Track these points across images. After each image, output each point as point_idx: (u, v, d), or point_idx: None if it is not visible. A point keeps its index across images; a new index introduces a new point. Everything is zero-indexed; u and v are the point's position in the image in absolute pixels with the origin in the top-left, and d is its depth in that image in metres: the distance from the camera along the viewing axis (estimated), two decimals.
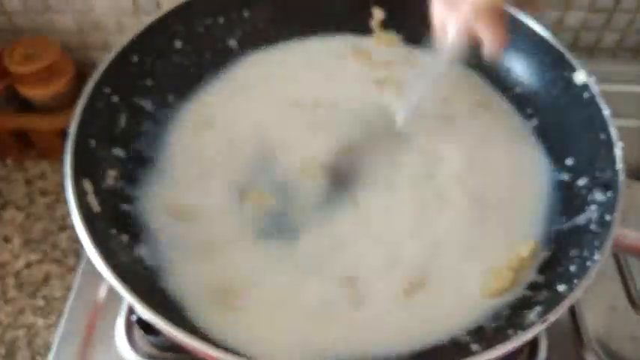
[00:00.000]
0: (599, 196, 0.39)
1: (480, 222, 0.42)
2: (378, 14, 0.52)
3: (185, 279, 0.39)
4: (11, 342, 0.52)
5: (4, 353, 0.51)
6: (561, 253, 0.40)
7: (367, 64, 0.50)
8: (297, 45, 0.52)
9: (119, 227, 0.39)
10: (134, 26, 0.46)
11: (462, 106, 0.48)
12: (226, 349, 0.31)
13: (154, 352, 0.44)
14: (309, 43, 0.52)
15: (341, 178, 0.43)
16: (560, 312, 0.33)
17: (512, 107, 0.49)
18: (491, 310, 0.38)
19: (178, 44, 0.48)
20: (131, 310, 0.45)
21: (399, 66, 0.49)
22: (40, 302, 0.54)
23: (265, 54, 0.52)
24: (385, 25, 0.52)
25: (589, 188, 0.41)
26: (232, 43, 0.51)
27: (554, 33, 0.45)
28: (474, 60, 0.50)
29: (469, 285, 0.39)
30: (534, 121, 0.48)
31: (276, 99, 0.48)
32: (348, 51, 0.51)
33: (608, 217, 0.37)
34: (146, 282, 0.38)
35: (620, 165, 0.38)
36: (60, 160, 0.66)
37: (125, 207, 0.41)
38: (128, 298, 0.32)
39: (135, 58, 0.45)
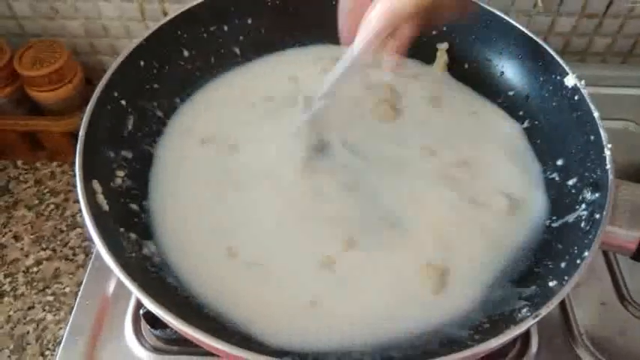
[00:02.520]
0: (588, 195, 0.40)
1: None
2: None
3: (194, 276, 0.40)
4: (21, 337, 0.53)
5: (14, 348, 0.52)
6: (552, 250, 0.41)
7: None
8: (298, 51, 0.53)
9: (127, 225, 0.40)
10: (141, 32, 0.47)
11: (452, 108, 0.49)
12: (234, 341, 0.32)
13: (162, 346, 0.45)
14: (310, 50, 0.53)
15: None
16: (550, 307, 0.34)
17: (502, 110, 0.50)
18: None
19: (184, 49, 0.50)
20: (139, 306, 0.46)
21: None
22: (50, 298, 0.55)
23: (267, 59, 0.53)
24: None
25: (579, 188, 0.42)
26: (236, 49, 0.52)
27: (546, 38, 0.46)
28: (472, 61, 0.52)
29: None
30: (526, 123, 0.49)
31: (274, 100, 0.49)
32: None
33: (597, 216, 0.38)
34: (154, 278, 0.39)
35: (609, 165, 0.39)
36: (69, 161, 0.68)
37: (133, 206, 0.42)
38: (136, 292, 0.33)
39: (142, 63, 0.46)
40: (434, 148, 0.46)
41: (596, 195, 0.40)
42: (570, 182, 0.43)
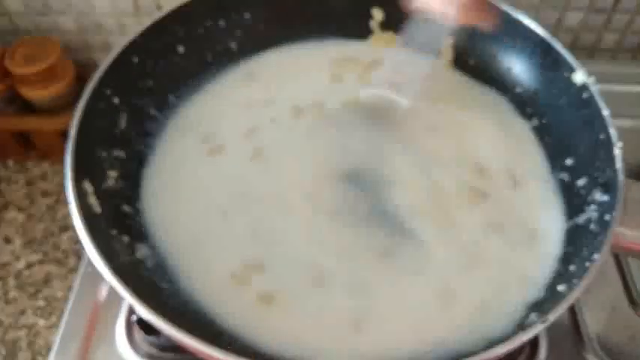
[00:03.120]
0: (598, 196, 0.40)
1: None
2: (377, 15, 0.52)
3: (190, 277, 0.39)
4: (12, 342, 0.52)
5: (5, 354, 0.51)
6: (561, 253, 0.40)
7: (362, 68, 0.50)
8: (297, 47, 0.52)
9: (119, 228, 0.39)
10: (135, 27, 0.46)
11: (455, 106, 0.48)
12: (230, 349, 0.31)
13: (154, 352, 0.44)
14: (308, 45, 0.52)
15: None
16: (560, 312, 0.33)
17: (511, 107, 0.49)
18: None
19: (178, 45, 0.49)
20: (131, 311, 0.45)
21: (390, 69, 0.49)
22: (41, 303, 0.54)
23: (265, 56, 0.52)
24: (384, 26, 0.52)
25: (589, 188, 0.41)
26: (233, 45, 0.51)
27: (554, 33, 0.45)
28: (478, 56, 0.50)
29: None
30: (534, 121, 0.48)
31: (274, 101, 0.48)
32: (342, 55, 0.51)
33: (607, 217, 0.37)
34: (147, 282, 0.38)
35: (619, 165, 0.38)
36: (61, 161, 0.66)
37: (125, 208, 0.42)
38: (128, 298, 0.32)
39: (135, 59, 0.45)
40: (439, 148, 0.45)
41: (606, 196, 0.39)
42: (580, 182, 0.42)
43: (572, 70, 0.44)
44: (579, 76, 0.43)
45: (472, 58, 0.51)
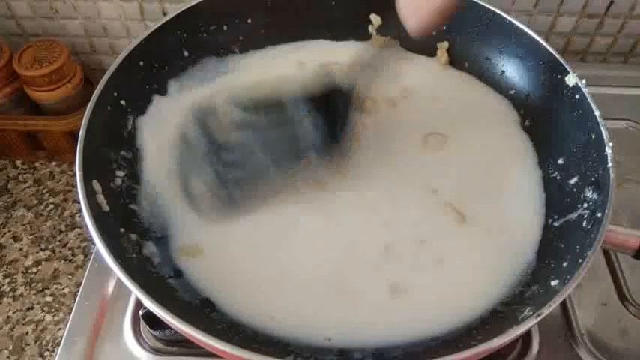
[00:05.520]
0: (590, 194, 0.40)
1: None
2: (375, 20, 0.53)
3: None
4: (20, 338, 0.53)
5: (13, 349, 0.52)
6: (554, 249, 0.41)
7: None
8: (294, 48, 0.53)
9: (127, 226, 0.40)
10: (141, 32, 0.47)
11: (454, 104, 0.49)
12: (236, 341, 0.32)
13: (161, 346, 0.44)
14: (311, 49, 0.53)
15: None
16: (552, 306, 0.34)
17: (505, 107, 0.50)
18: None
19: (183, 49, 0.50)
20: (138, 306, 0.46)
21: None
22: (49, 299, 0.55)
23: (266, 58, 0.53)
24: (382, 31, 0.53)
25: (580, 187, 0.42)
26: (236, 49, 0.53)
27: (547, 37, 0.46)
28: (472, 60, 0.52)
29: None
30: (527, 122, 0.49)
31: None
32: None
33: (599, 215, 0.38)
34: (155, 278, 0.39)
35: (610, 164, 0.39)
36: (68, 161, 0.68)
37: (133, 206, 0.43)
38: (136, 292, 0.33)
39: (141, 63, 0.46)
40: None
41: (598, 194, 0.40)
42: (571, 181, 0.43)
43: (564, 72, 0.45)
44: (571, 79, 0.44)
45: (466, 61, 0.52)
